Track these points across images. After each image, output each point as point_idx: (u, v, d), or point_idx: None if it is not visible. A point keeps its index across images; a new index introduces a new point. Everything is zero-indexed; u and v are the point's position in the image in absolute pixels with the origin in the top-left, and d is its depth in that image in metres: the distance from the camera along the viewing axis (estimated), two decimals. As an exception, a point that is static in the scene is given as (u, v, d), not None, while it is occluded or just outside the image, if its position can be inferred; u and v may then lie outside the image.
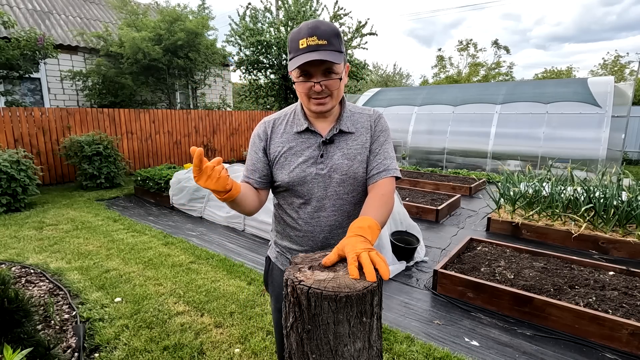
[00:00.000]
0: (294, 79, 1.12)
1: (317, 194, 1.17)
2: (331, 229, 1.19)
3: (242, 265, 3.49)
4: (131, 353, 2.19)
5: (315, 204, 1.18)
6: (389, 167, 1.17)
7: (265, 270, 1.42)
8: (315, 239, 1.20)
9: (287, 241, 1.27)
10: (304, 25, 1.06)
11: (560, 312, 2.44)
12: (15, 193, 5.19)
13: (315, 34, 1.03)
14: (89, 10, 11.08)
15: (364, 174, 1.18)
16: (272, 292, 1.38)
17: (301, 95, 1.12)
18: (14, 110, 6.53)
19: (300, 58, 1.04)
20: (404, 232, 3.69)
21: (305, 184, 1.17)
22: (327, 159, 1.16)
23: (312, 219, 1.19)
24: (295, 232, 1.23)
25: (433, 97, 10.26)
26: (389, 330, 2.46)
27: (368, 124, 1.21)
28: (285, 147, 1.19)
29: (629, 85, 8.04)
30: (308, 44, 1.03)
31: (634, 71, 21.32)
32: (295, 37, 1.06)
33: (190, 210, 5.28)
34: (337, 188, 1.17)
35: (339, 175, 1.16)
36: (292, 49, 1.07)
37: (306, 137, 1.18)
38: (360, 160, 1.18)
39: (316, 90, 1.08)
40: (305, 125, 1.17)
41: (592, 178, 5.03)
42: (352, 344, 0.83)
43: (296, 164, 1.17)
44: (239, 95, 17.62)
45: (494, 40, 25.70)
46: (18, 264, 3.41)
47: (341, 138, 1.18)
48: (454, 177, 7.65)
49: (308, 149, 1.17)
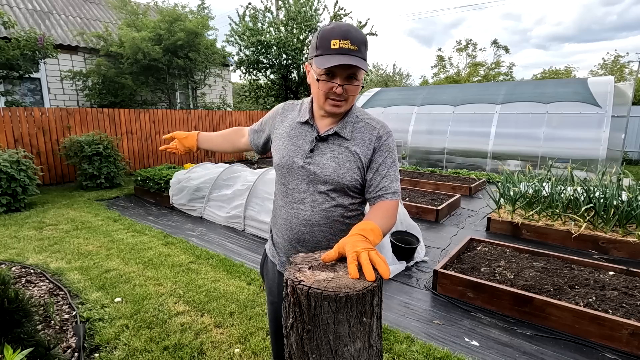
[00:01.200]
0: (316, 75, 1.10)
1: (299, 186, 1.21)
2: (307, 224, 1.21)
3: (242, 265, 3.49)
4: (131, 353, 2.19)
5: (297, 196, 1.22)
6: (395, 190, 1.17)
7: (262, 261, 1.49)
8: (292, 230, 1.24)
9: (275, 228, 1.34)
10: (337, 26, 1.07)
11: (560, 312, 2.44)
12: (15, 193, 5.19)
13: (348, 38, 1.04)
14: (89, 10, 11.08)
15: (350, 182, 1.16)
16: (266, 283, 1.45)
17: (319, 93, 1.13)
18: (14, 110, 6.52)
19: (331, 58, 1.04)
20: (404, 232, 3.69)
21: (292, 173, 1.22)
22: (317, 156, 1.18)
23: (291, 209, 1.23)
24: (278, 219, 1.30)
25: (433, 97, 10.26)
26: (389, 330, 2.46)
27: (369, 137, 1.18)
28: (285, 132, 1.27)
29: (629, 85, 8.04)
30: (340, 46, 1.04)
31: (634, 71, 21.33)
32: (327, 35, 1.06)
33: (190, 210, 5.28)
34: (319, 186, 1.18)
35: (323, 175, 1.17)
36: (322, 47, 1.06)
37: (304, 129, 1.23)
38: (348, 167, 1.16)
39: (337, 92, 1.09)
40: (307, 117, 1.22)
41: (592, 178, 5.03)
42: (352, 344, 0.83)
43: (287, 150, 1.23)
44: (239, 95, 17.63)
45: (493, 40, 25.69)
46: (18, 264, 3.41)
47: (335, 140, 1.18)
48: (454, 177, 7.65)
49: (302, 141, 1.21)
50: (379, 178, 1.17)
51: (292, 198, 1.23)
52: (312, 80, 1.14)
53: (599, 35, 59.43)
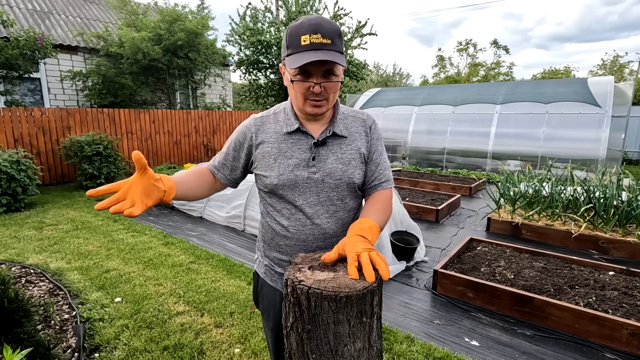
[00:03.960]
0: (290, 76, 1.02)
1: (309, 199, 1.11)
2: (325, 238, 1.13)
3: (242, 265, 3.49)
4: (131, 353, 2.19)
5: (308, 211, 1.11)
6: (389, 177, 1.18)
7: (254, 287, 1.34)
8: (308, 249, 1.13)
9: (276, 251, 1.19)
10: (306, 20, 0.99)
11: (560, 312, 2.44)
12: (15, 193, 5.19)
13: (319, 32, 0.97)
14: (89, 10, 11.08)
15: (360, 179, 1.14)
16: (263, 310, 1.30)
17: (297, 95, 1.05)
18: (14, 110, 6.53)
19: (303, 56, 0.96)
20: (404, 232, 3.69)
21: (297, 188, 1.10)
22: (320, 163, 1.10)
23: (304, 226, 1.12)
24: (286, 240, 1.15)
25: (433, 97, 10.26)
26: (389, 330, 2.46)
27: (362, 129, 1.17)
28: (274, 148, 1.12)
29: (629, 85, 8.04)
30: (311, 41, 0.96)
31: (634, 71, 21.34)
32: (295, 31, 0.99)
33: (190, 210, 5.28)
34: (330, 193, 1.11)
35: (333, 180, 1.10)
36: (292, 45, 0.99)
37: (297, 138, 1.11)
38: (355, 165, 1.13)
39: (315, 91, 1.01)
40: (297, 125, 1.10)
41: (592, 178, 5.03)
42: (352, 344, 0.83)
43: (286, 165, 1.10)
44: (239, 95, 17.64)
45: (493, 40, 25.68)
46: (18, 264, 3.41)
47: (334, 141, 1.12)
48: (454, 177, 7.65)
49: (298, 151, 1.11)
50: (373, 167, 1.16)
51: (304, 214, 1.12)
52: (288, 82, 1.05)
53: (600, 35, 59.48)
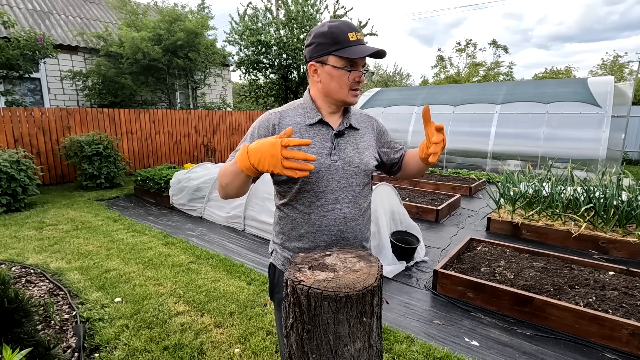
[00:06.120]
0: (336, 69, 1.15)
1: (331, 185, 1.20)
2: (345, 222, 1.22)
3: (242, 265, 3.49)
4: (131, 353, 2.19)
5: (330, 197, 1.20)
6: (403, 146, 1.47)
7: (270, 280, 1.36)
8: (330, 233, 1.21)
9: (297, 241, 1.24)
10: (342, 22, 1.16)
11: (560, 312, 2.44)
12: (15, 193, 5.19)
13: (358, 31, 1.15)
14: (89, 10, 11.08)
15: (373, 165, 1.30)
16: (278, 302, 1.33)
17: (341, 86, 1.16)
18: (14, 110, 6.52)
19: (359, 48, 1.12)
20: (404, 232, 3.69)
21: (320, 176, 1.19)
22: (340, 152, 1.22)
23: (326, 212, 1.20)
24: (308, 227, 1.22)
25: (433, 97, 10.26)
26: (389, 330, 2.46)
27: (369, 125, 1.35)
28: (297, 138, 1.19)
29: (629, 85, 8.04)
30: (357, 37, 1.14)
31: (634, 71, 21.33)
32: (340, 30, 1.14)
33: (190, 210, 5.28)
34: (350, 180, 1.22)
35: (352, 168, 1.22)
36: (341, 41, 1.13)
37: (317, 129, 1.22)
38: (369, 154, 1.28)
39: (361, 80, 1.17)
40: (319, 117, 1.21)
41: (592, 178, 5.03)
42: (352, 344, 0.83)
43: (310, 153, 1.17)
44: (239, 95, 17.63)
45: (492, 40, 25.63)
46: (18, 264, 3.41)
47: (350, 133, 1.26)
48: (454, 177, 7.64)
49: (320, 141, 1.21)
50: (392, 151, 1.41)
51: (325, 200, 1.20)
52: (328, 76, 1.16)
53: (600, 35, 59.49)
